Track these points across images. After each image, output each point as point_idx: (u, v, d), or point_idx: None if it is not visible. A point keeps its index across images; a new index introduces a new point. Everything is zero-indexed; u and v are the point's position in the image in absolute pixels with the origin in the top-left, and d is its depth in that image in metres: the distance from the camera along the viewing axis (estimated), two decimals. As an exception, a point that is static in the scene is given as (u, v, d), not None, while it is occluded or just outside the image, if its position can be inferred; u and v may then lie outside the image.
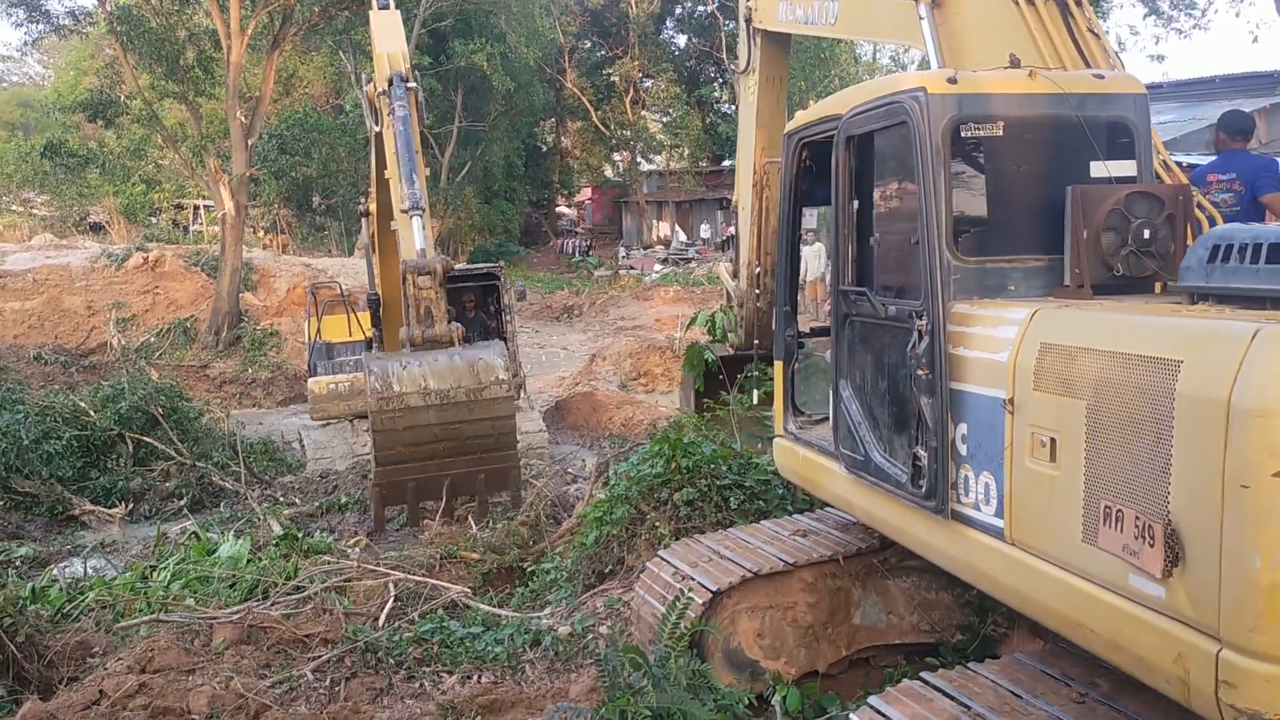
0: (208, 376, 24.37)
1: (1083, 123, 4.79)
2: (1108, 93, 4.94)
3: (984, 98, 4.85)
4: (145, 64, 26.43)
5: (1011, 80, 4.96)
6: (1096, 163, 4.79)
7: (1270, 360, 3.08)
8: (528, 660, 7.05)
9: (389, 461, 9.40)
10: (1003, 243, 4.72)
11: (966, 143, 4.81)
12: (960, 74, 4.88)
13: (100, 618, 8.30)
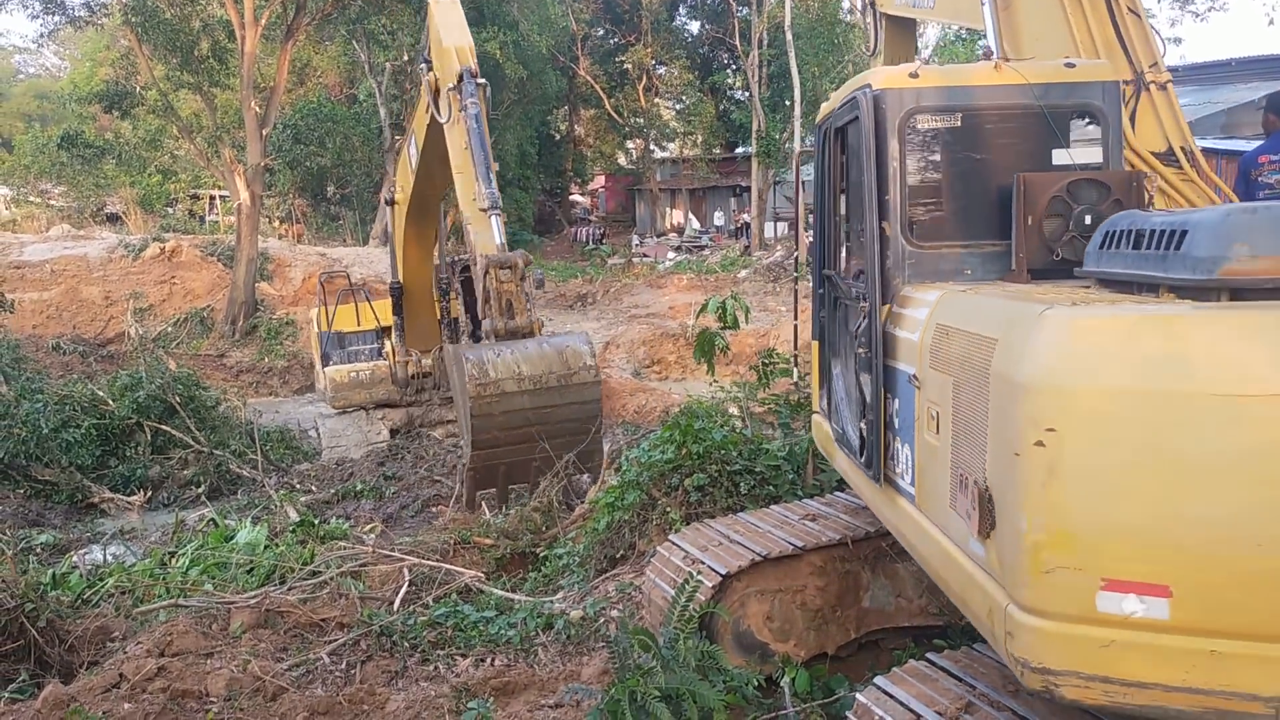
0: (224, 365, 24.54)
1: (1045, 112, 4.92)
2: (1074, 81, 5.04)
3: (943, 90, 5.06)
4: (160, 55, 26.54)
5: (974, 73, 5.14)
6: (1059, 150, 4.92)
7: (1042, 339, 3.38)
8: (540, 643, 7.12)
9: (484, 445, 9.54)
10: (959, 229, 4.93)
11: (924, 134, 5.00)
12: (924, 68, 5.12)
13: (120, 603, 8.42)
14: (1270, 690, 3.21)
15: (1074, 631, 3.41)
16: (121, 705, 6.14)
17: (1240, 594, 3.23)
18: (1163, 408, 3.27)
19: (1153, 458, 3.28)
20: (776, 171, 40.77)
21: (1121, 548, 3.34)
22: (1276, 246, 3.47)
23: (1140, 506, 3.31)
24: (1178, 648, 3.32)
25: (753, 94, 39.34)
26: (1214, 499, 3.21)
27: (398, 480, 13.25)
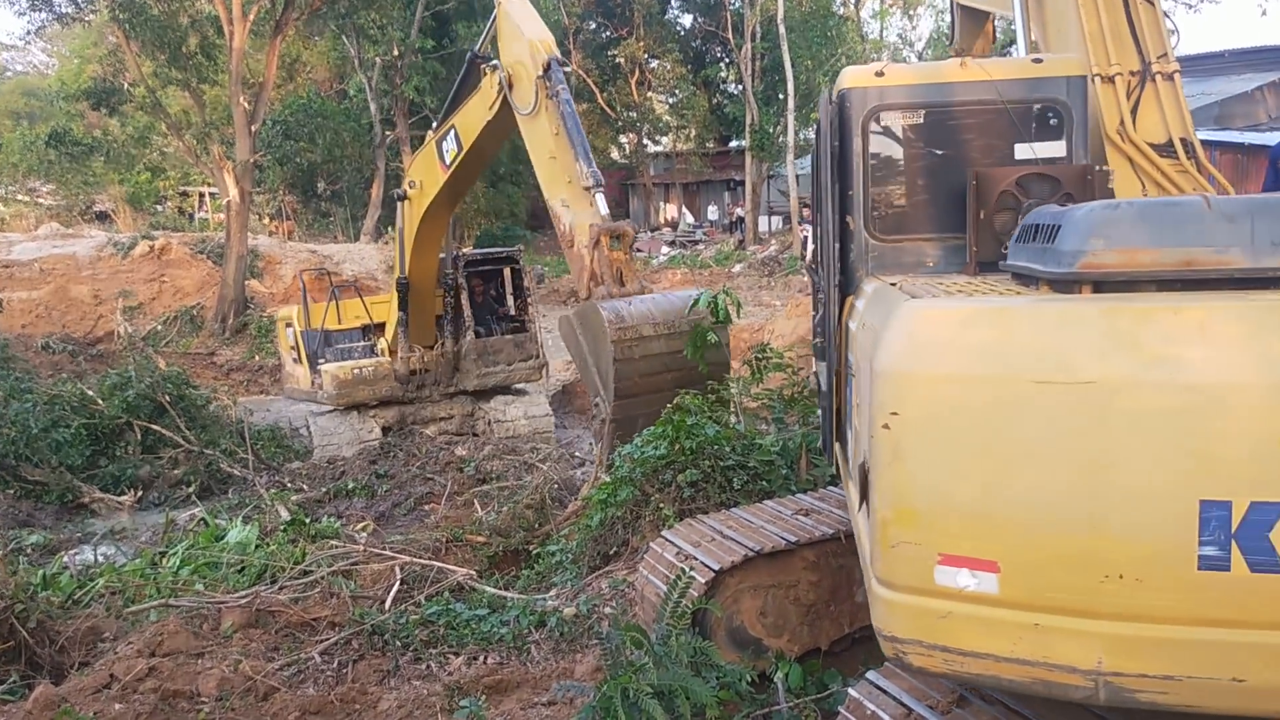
0: (215, 364, 24.47)
1: (1007, 107, 5.04)
2: (1039, 76, 5.20)
3: (907, 89, 5.24)
4: (148, 51, 26.42)
5: (940, 70, 5.30)
6: (1022, 145, 5.04)
7: (895, 329, 3.64)
8: (533, 641, 7.11)
9: (625, 395, 9.56)
10: (921, 223, 5.07)
11: (887, 131, 5.19)
12: (890, 66, 5.30)
13: (110, 603, 8.38)
14: (1087, 663, 3.39)
15: (916, 603, 3.65)
16: (112, 706, 6.12)
17: (1059, 571, 3.42)
18: (990, 394, 3.48)
19: (981, 441, 3.49)
20: (770, 165, 40.75)
21: (955, 525, 3.56)
22: (1130, 240, 3.66)
23: (971, 487, 3.52)
24: (1006, 620, 3.52)
25: (746, 87, 39.31)
26: (1035, 481, 3.41)
27: (390, 478, 13.21)
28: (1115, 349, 3.37)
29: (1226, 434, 3.23)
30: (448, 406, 16.14)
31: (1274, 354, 3.23)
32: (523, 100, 10.78)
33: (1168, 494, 3.27)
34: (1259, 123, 23.50)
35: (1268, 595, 3.20)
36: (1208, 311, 3.38)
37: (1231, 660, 3.29)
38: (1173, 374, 3.30)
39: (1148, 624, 3.35)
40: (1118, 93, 5.65)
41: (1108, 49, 5.67)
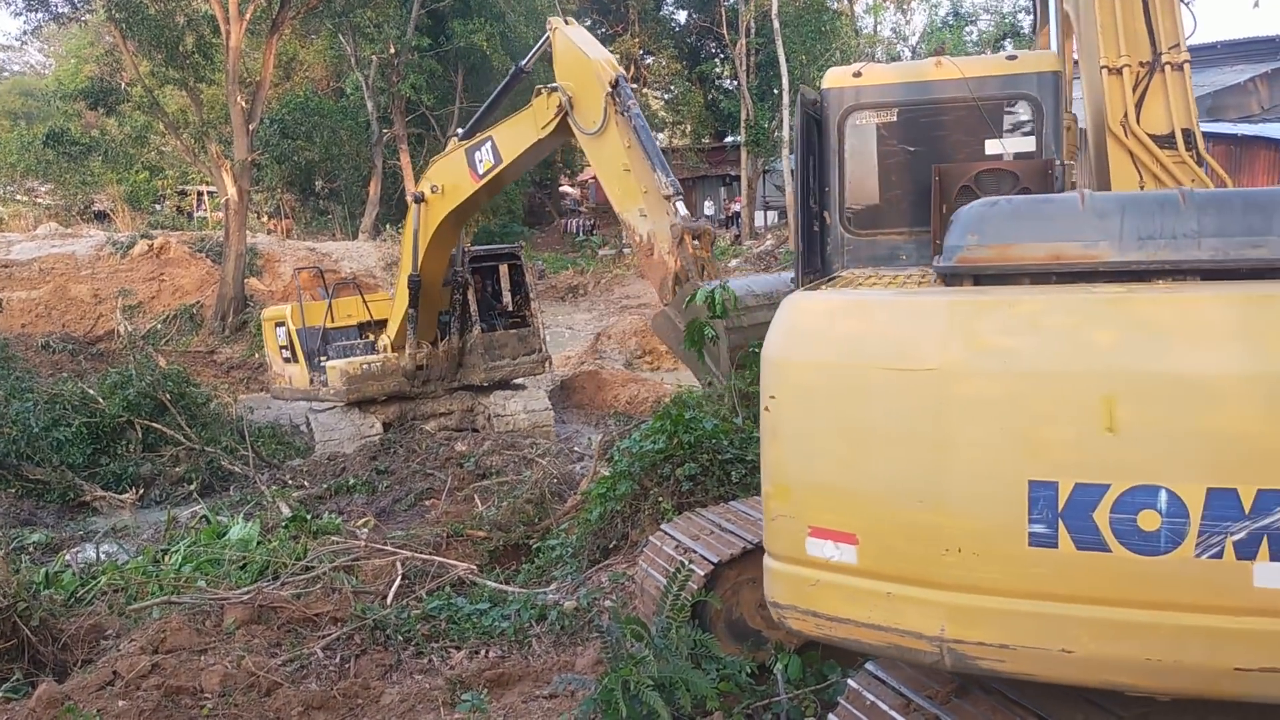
0: (215, 362, 24.49)
1: (979, 104, 5.22)
2: (1011, 73, 5.31)
3: (883, 88, 5.46)
4: (145, 51, 26.41)
5: (916, 70, 5.52)
6: (992, 141, 5.16)
7: (779, 320, 3.96)
8: (534, 635, 7.15)
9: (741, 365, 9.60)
10: (894, 218, 5.25)
11: (862, 130, 5.41)
12: (869, 67, 5.55)
13: (113, 601, 8.41)
14: (932, 630, 3.65)
15: (792, 571, 4.01)
16: (116, 703, 6.15)
17: (907, 544, 3.69)
18: (849, 380, 3.77)
19: (842, 423, 3.80)
20: (766, 160, 40.74)
21: (822, 500, 3.89)
22: (1004, 236, 3.89)
23: (834, 465, 3.84)
24: (864, 589, 3.82)
25: (741, 83, 39.31)
26: (886, 460, 3.69)
27: (390, 474, 13.24)
28: (954, 339, 3.61)
29: (1053, 419, 3.43)
30: (448, 402, 16.18)
31: (1096, 344, 3.43)
32: (588, 120, 10.87)
33: (1000, 474, 3.49)
34: (1251, 114, 23.53)
35: (1092, 571, 3.39)
36: (1039, 305, 3.63)
37: (1060, 632, 3.48)
38: (1005, 363, 3.53)
39: (984, 595, 3.57)
40: (1124, 85, 5.64)
41: (1119, 40, 5.65)
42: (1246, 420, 3.26)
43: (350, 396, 15.20)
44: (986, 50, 35.69)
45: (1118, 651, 3.44)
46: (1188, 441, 3.31)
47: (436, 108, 38.02)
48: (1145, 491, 3.33)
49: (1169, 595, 3.36)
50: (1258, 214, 3.71)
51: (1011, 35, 38.40)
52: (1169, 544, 3.31)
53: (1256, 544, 3.24)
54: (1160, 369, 3.35)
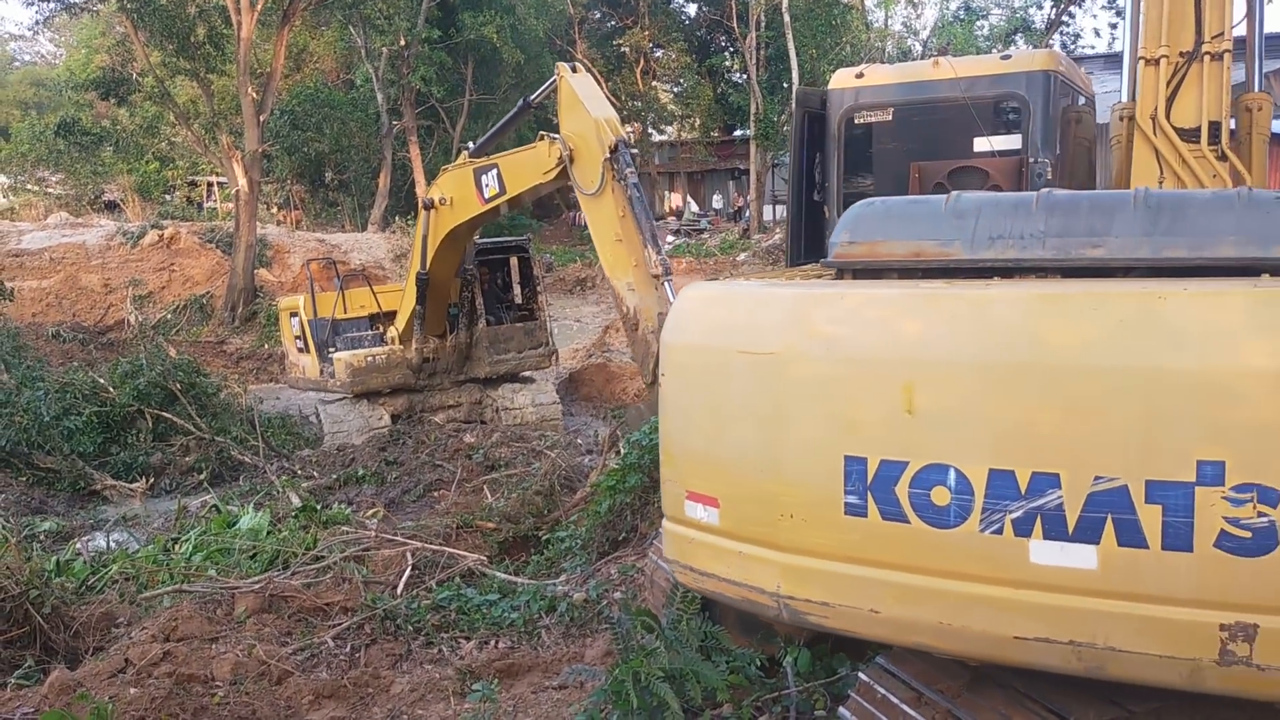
0: (224, 352, 24.54)
1: (969, 104, 5.40)
2: (1002, 73, 5.49)
3: (882, 89, 5.79)
4: (156, 41, 26.44)
5: (911, 70, 5.86)
6: (980, 139, 5.32)
7: (674, 306, 4.50)
8: (543, 626, 7.16)
9: None
10: None
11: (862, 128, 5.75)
12: (870, 68, 5.90)
13: (124, 589, 8.45)
14: (771, 587, 4.11)
15: (676, 530, 4.53)
16: (128, 690, 6.17)
17: (754, 508, 4.12)
18: (714, 361, 4.24)
19: (708, 398, 4.30)
20: (775, 154, 40.66)
21: (695, 468, 4.39)
22: (872, 234, 4.27)
23: (703, 436, 4.34)
24: (724, 548, 4.29)
25: (750, 76, 39.19)
26: (739, 433, 4.15)
27: (399, 465, 13.26)
28: (791, 326, 4.03)
29: (865, 401, 3.80)
30: (455, 394, 16.20)
31: (903, 334, 3.78)
32: (586, 179, 10.66)
33: (822, 449, 3.89)
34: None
35: (895, 540, 3.74)
36: (863, 298, 4.01)
37: (870, 593, 3.87)
38: (829, 349, 3.93)
39: (811, 557, 3.99)
40: (1159, 77, 5.58)
41: (1162, 29, 5.59)
42: (1023, 408, 3.52)
43: (354, 389, 15.23)
44: (997, 45, 35.56)
45: (916, 615, 3.79)
46: (973, 425, 3.60)
47: (446, 100, 38.02)
48: (938, 470, 3.64)
49: (958, 566, 3.65)
50: (1100, 216, 3.95)
51: (1023, 30, 38.22)
52: (957, 519, 3.61)
53: (1032, 523, 3.49)
54: (952, 358, 3.65)
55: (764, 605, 4.20)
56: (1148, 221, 3.88)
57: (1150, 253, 3.83)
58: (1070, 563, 3.45)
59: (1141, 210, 3.90)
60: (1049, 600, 3.52)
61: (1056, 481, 3.45)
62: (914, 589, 3.74)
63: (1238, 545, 3.24)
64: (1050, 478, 3.45)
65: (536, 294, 17.15)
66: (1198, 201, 4.03)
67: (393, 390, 15.53)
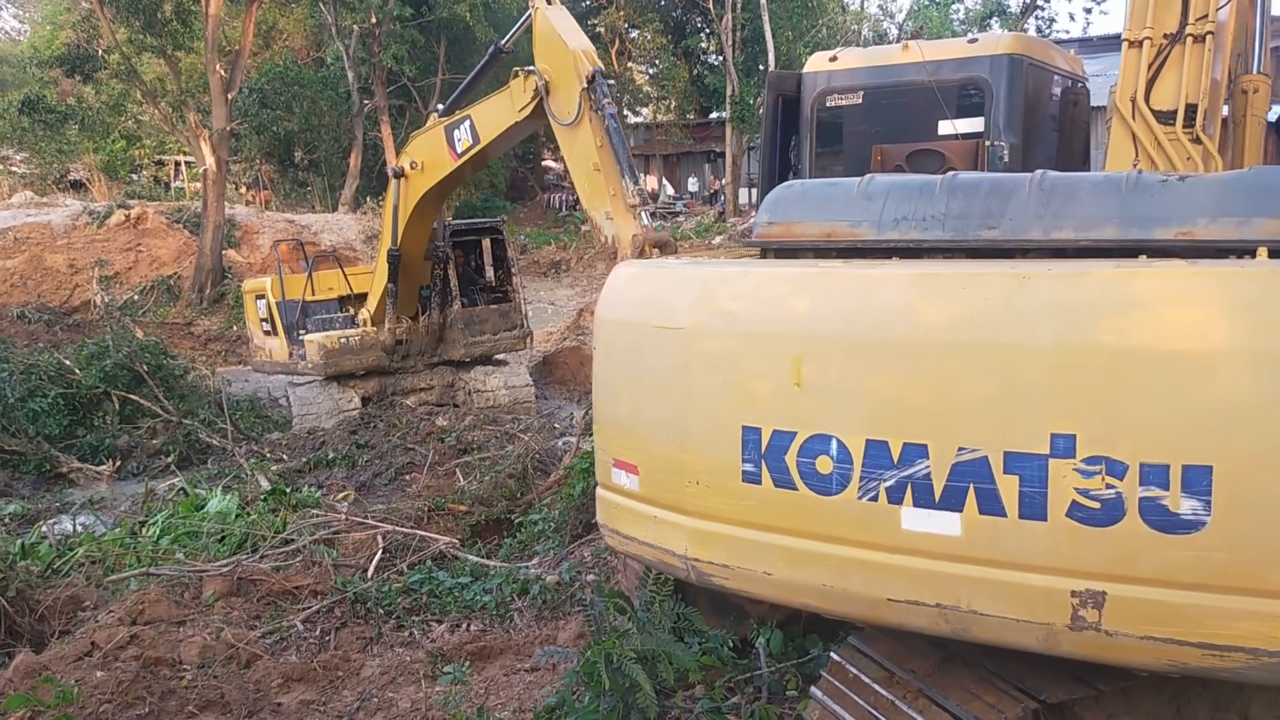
0: (192, 334, 24.27)
1: (934, 87, 5.53)
2: (964, 57, 5.61)
3: (853, 72, 5.97)
4: (122, 17, 25.98)
5: (882, 54, 5.96)
6: (945, 121, 5.41)
7: (606, 284, 4.69)
8: (516, 609, 7.15)
9: None
10: None
11: (833, 110, 5.90)
12: (844, 52, 6.02)
13: (90, 573, 8.35)
14: (680, 549, 4.36)
15: (606, 496, 4.78)
16: (94, 674, 6.11)
17: (667, 475, 4.36)
18: (634, 335, 4.48)
19: (629, 370, 4.54)
20: (751, 137, 40.61)
21: (619, 436, 4.63)
22: (789, 215, 4.47)
23: (625, 407, 4.58)
24: (643, 513, 4.53)
25: (726, 58, 39.09)
26: (654, 403, 4.39)
27: (370, 449, 13.15)
28: (698, 302, 4.25)
29: (760, 374, 4.01)
30: (428, 377, 16.08)
31: (794, 311, 4.00)
32: (563, 110, 10.60)
33: (722, 420, 4.11)
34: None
35: (784, 506, 3.96)
36: (762, 276, 4.22)
37: (763, 556, 4.10)
38: (730, 324, 4.14)
39: (713, 522, 4.22)
40: (1141, 59, 5.57)
41: (1149, 10, 5.59)
42: (897, 382, 3.72)
43: (328, 370, 15.08)
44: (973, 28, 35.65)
45: (802, 577, 4.03)
46: (853, 398, 3.82)
47: (418, 79, 37.70)
48: (822, 440, 3.85)
49: (839, 531, 3.87)
50: (997, 199, 4.06)
51: (998, 13, 38.31)
52: (839, 486, 3.82)
53: (903, 491, 3.69)
54: (835, 334, 3.88)
55: (675, 567, 4.46)
56: (1040, 204, 4.00)
57: (1041, 234, 3.95)
58: (937, 529, 3.64)
59: (1036, 193, 4.02)
60: (918, 565, 3.71)
61: (925, 452, 3.63)
62: (801, 553, 3.97)
63: (1087, 515, 3.39)
64: (919, 448, 3.64)
65: (511, 276, 17.05)
66: (1087, 185, 4.09)
67: (366, 372, 15.40)
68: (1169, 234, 3.75)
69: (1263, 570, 3.23)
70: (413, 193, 13.32)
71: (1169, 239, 3.74)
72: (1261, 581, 3.24)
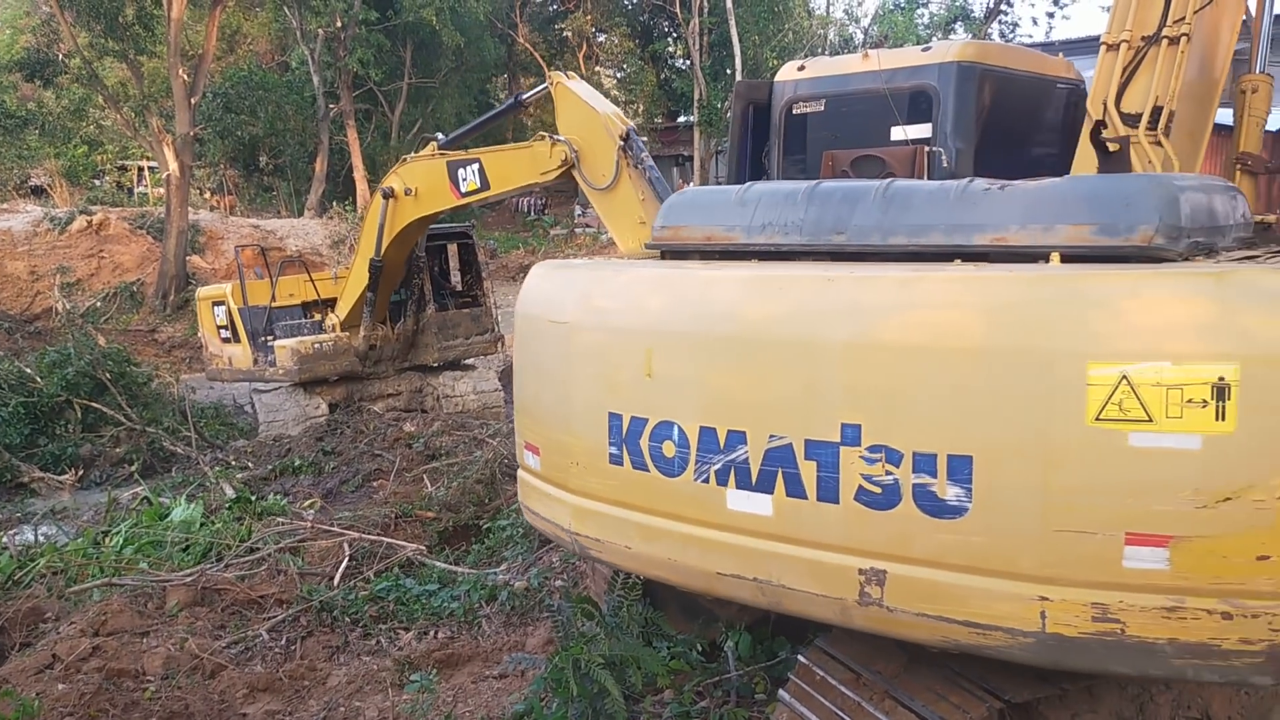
0: (156, 341, 24.00)
1: (887, 94, 5.67)
2: (916, 65, 5.85)
3: (817, 80, 6.08)
4: (83, 21, 25.67)
5: (844, 63, 6.08)
6: (897, 127, 5.66)
7: (525, 282, 5.10)
8: (484, 615, 7.12)
9: None
10: None
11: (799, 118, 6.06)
12: (811, 61, 6.20)
13: (52, 584, 8.23)
14: (566, 524, 4.82)
15: (521, 475, 5.27)
16: (55, 686, 6.04)
17: (557, 456, 4.82)
18: (536, 328, 4.93)
19: (532, 360, 5.00)
20: (718, 140, 40.70)
21: (526, 420, 5.12)
22: (679, 220, 4.87)
23: (531, 394, 5.04)
24: (544, 490, 4.99)
25: (694, 62, 39.15)
26: (547, 390, 4.86)
27: (337, 455, 13.05)
28: (579, 299, 4.69)
29: (621, 365, 4.39)
30: (396, 382, 16.01)
31: (648, 308, 4.41)
32: (596, 175, 10.71)
33: (594, 406, 4.52)
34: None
35: (640, 486, 4.36)
36: (629, 276, 4.66)
37: (625, 532, 4.51)
38: (600, 319, 4.57)
39: (589, 499, 4.65)
40: (1117, 62, 5.60)
41: (1130, 12, 5.60)
42: (724, 374, 4.11)
43: (302, 376, 14.96)
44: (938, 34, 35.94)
45: (653, 551, 4.43)
46: (691, 388, 4.20)
47: (385, 83, 37.46)
48: (666, 426, 4.25)
49: (680, 510, 4.27)
50: (847, 207, 4.32)
51: (963, 18, 38.61)
52: (680, 469, 4.22)
53: (728, 474, 4.07)
54: (677, 329, 4.26)
55: (564, 540, 4.92)
56: (880, 212, 4.24)
57: (880, 240, 4.20)
58: (754, 509, 4.02)
59: (878, 201, 4.26)
60: (740, 542, 4.10)
61: (744, 439, 4.01)
62: (653, 529, 4.38)
63: (871, 499, 3.74)
64: (740, 435, 4.02)
65: (481, 280, 17.01)
66: (923, 193, 4.28)
67: (338, 378, 15.31)
68: (985, 240, 3.97)
69: (1016, 554, 3.48)
70: (402, 216, 13.27)
71: (985, 245, 3.95)
72: (1016, 565, 3.49)
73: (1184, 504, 3.24)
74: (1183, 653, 3.33)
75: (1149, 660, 3.39)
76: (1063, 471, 3.39)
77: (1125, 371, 3.27)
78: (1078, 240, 3.76)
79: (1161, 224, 3.66)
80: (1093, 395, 3.31)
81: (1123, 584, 3.34)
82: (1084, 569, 3.38)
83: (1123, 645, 3.38)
